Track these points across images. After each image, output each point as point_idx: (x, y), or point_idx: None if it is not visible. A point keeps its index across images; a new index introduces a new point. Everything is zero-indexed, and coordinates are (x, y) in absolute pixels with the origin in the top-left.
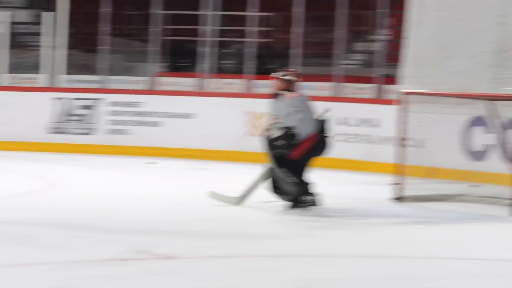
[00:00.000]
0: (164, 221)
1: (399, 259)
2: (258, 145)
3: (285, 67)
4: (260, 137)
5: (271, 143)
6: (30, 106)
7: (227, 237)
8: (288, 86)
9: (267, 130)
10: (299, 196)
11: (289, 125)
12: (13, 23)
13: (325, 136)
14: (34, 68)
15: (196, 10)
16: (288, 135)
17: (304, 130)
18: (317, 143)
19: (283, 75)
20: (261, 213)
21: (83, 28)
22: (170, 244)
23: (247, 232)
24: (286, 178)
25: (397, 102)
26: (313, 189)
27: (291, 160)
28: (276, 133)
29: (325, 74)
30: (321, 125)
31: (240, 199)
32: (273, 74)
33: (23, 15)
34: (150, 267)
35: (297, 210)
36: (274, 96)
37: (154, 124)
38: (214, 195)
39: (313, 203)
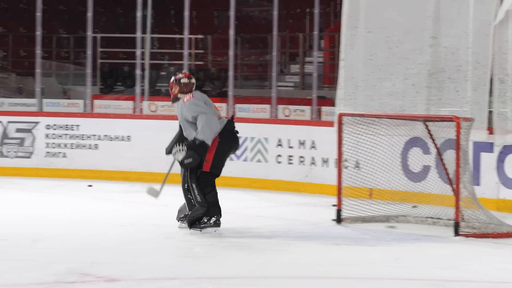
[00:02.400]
0: (104, 243)
1: (342, 280)
2: None
3: (178, 71)
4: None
5: (181, 163)
6: None
7: (167, 258)
8: (183, 89)
9: (173, 154)
10: (202, 216)
11: (190, 135)
12: None
13: (229, 133)
14: None
15: (130, 33)
16: (194, 149)
17: (208, 133)
18: (222, 144)
19: (177, 79)
20: (199, 235)
21: (15, 51)
22: (112, 267)
23: (187, 253)
24: (195, 196)
25: (334, 123)
26: (217, 210)
27: (202, 174)
28: (180, 156)
29: (260, 97)
30: (224, 123)
31: (161, 190)
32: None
33: None
34: None
35: (195, 231)
36: (174, 101)
37: (90, 146)
38: (151, 192)
39: (216, 225)
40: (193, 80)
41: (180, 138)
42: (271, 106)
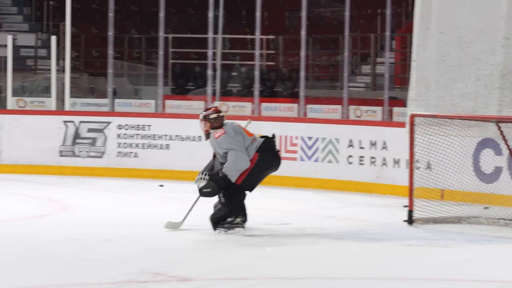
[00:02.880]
0: (177, 243)
1: (414, 282)
2: None
3: (207, 108)
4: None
5: (200, 191)
6: (38, 129)
7: (239, 258)
8: (214, 124)
9: (196, 181)
10: (225, 216)
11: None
12: (18, 47)
13: (269, 152)
14: (41, 91)
15: (201, 33)
16: (216, 180)
17: (233, 171)
18: (261, 162)
19: (206, 115)
20: (271, 235)
21: (87, 51)
22: (184, 266)
23: (259, 254)
24: (219, 197)
25: (405, 124)
26: (242, 212)
27: (233, 186)
28: (201, 184)
29: (332, 97)
30: (262, 143)
31: (181, 223)
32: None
33: (27, 39)
34: None
35: (221, 231)
36: (207, 137)
37: (161, 146)
38: (170, 226)
39: (240, 225)
40: (222, 114)
41: (210, 168)
42: (342, 107)
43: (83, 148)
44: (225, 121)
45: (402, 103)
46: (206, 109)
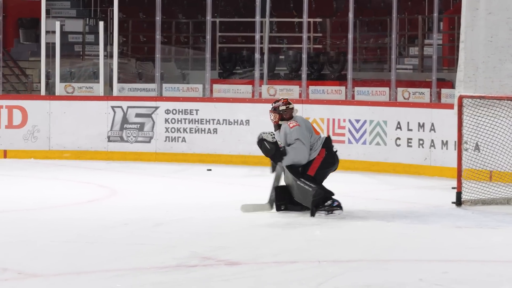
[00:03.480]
0: (226, 227)
1: (466, 263)
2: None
3: (277, 99)
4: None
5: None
6: (87, 115)
7: (288, 242)
8: (283, 116)
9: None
10: (320, 201)
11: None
12: (66, 33)
13: (331, 152)
14: (89, 77)
15: (249, 17)
16: (274, 149)
17: (297, 157)
18: (328, 157)
19: (275, 107)
20: (322, 217)
21: (135, 36)
22: (233, 250)
23: (308, 237)
24: (305, 185)
25: (453, 106)
26: (329, 194)
27: (308, 175)
28: (267, 137)
29: (379, 79)
30: (323, 140)
31: (271, 204)
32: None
33: (75, 25)
34: (216, 273)
35: (322, 215)
36: (276, 128)
37: (209, 131)
38: (247, 208)
39: (338, 207)
40: (292, 105)
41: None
42: (390, 89)
43: (131, 133)
44: (296, 115)
45: (450, 84)
46: (276, 101)
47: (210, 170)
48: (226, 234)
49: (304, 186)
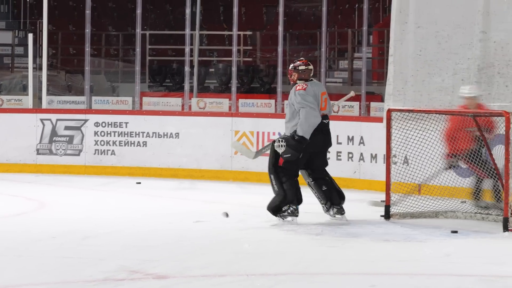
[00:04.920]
0: (154, 240)
1: (393, 276)
2: (244, 164)
3: (298, 59)
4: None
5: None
6: (15, 127)
7: (216, 255)
8: (301, 75)
9: (276, 148)
10: (280, 204)
11: (289, 126)
12: None
13: (322, 132)
14: (18, 89)
15: (179, 30)
16: (292, 144)
17: (306, 128)
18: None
19: (295, 66)
20: (249, 231)
21: (64, 48)
22: (162, 264)
23: (237, 250)
24: (272, 185)
25: (382, 119)
26: (296, 200)
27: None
28: (280, 150)
29: None
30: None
31: (256, 155)
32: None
33: (4, 37)
34: (144, 287)
35: (279, 219)
36: (292, 86)
37: (139, 144)
38: (236, 145)
39: (292, 214)
40: (311, 67)
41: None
42: None
43: (60, 146)
44: (313, 80)
45: (380, 98)
46: (296, 60)
47: (140, 183)
48: (155, 247)
49: (274, 186)
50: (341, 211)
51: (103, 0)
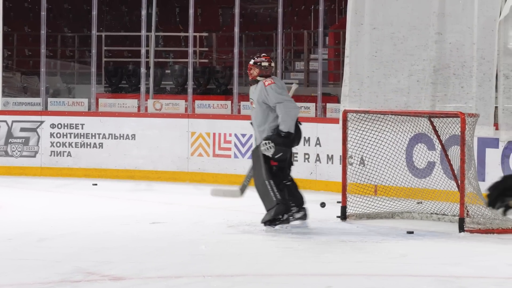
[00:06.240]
0: (110, 242)
1: (350, 277)
2: (201, 165)
3: (259, 54)
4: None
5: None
6: None
7: (172, 256)
8: (263, 72)
9: (264, 151)
10: (276, 215)
11: (259, 121)
12: None
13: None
14: None
15: (135, 31)
16: (280, 142)
17: (289, 122)
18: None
19: (257, 62)
20: (206, 232)
21: (20, 50)
22: (118, 265)
23: (193, 252)
24: (269, 193)
25: (339, 120)
26: (290, 206)
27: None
28: (270, 152)
29: None
30: None
31: (242, 190)
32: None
33: None
34: None
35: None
36: (252, 83)
37: (95, 145)
38: (216, 192)
39: (286, 221)
40: (273, 64)
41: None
42: None
43: (16, 147)
44: (273, 76)
45: (336, 99)
46: (258, 56)
47: (96, 184)
48: (111, 248)
49: (270, 193)
50: (300, 213)
51: (59, 1)
